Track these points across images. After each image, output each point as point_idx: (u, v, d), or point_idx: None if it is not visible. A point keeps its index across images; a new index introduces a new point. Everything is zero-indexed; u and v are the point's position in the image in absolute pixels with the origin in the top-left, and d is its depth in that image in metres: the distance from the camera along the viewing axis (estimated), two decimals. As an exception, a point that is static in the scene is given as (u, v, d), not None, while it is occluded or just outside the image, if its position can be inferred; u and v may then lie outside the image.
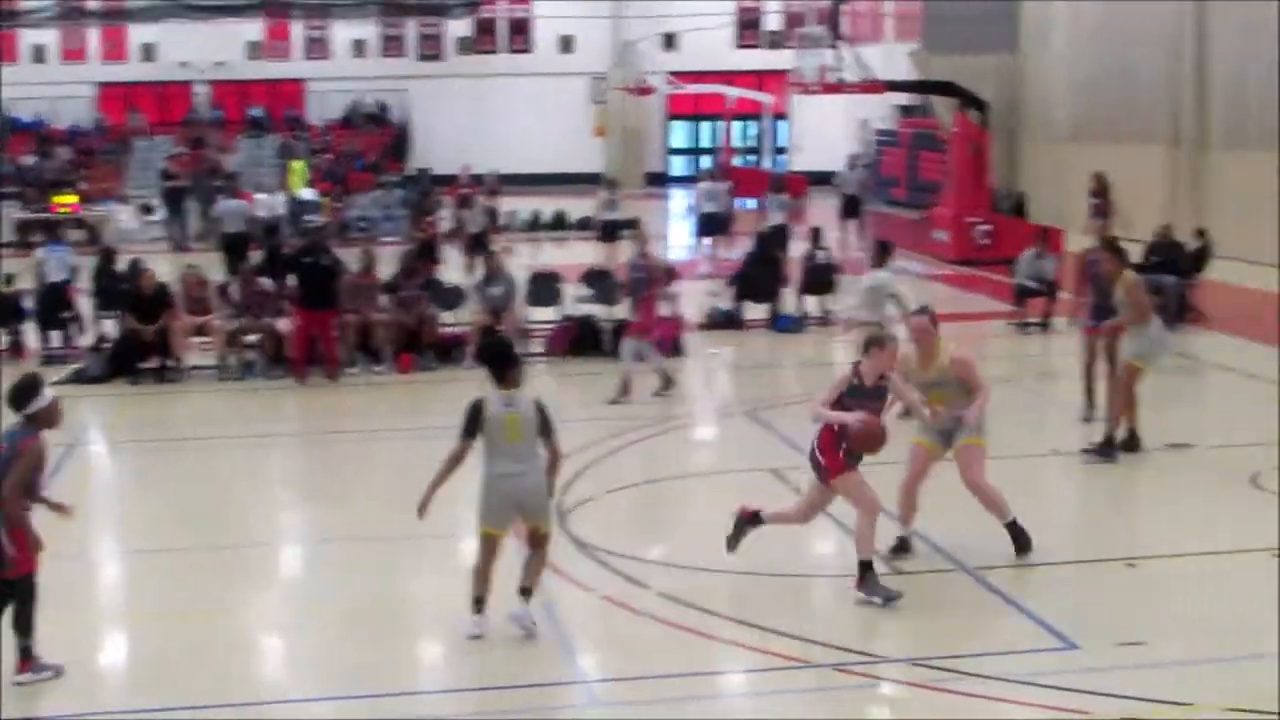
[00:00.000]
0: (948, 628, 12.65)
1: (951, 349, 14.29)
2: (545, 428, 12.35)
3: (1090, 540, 14.95)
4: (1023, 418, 21.03)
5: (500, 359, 12.64)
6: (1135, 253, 26.24)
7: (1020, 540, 14.06)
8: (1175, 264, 27.35)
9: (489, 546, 12.41)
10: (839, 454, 13.19)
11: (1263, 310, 28.83)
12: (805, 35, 45.49)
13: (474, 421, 12.29)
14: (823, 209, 44.17)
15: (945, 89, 43.70)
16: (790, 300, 28.10)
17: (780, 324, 27.40)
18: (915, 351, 14.34)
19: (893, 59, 54.44)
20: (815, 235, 29.63)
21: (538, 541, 12.54)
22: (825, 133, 62.02)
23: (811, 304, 28.23)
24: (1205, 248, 28.57)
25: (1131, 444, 18.07)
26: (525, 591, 12.44)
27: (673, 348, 24.72)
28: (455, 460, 12.30)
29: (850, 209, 41.81)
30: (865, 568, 13.14)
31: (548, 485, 12.50)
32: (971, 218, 37.53)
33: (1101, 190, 36.66)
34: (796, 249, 31.44)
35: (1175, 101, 39.07)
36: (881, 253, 21.77)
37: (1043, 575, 13.81)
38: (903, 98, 55.43)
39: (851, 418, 13.00)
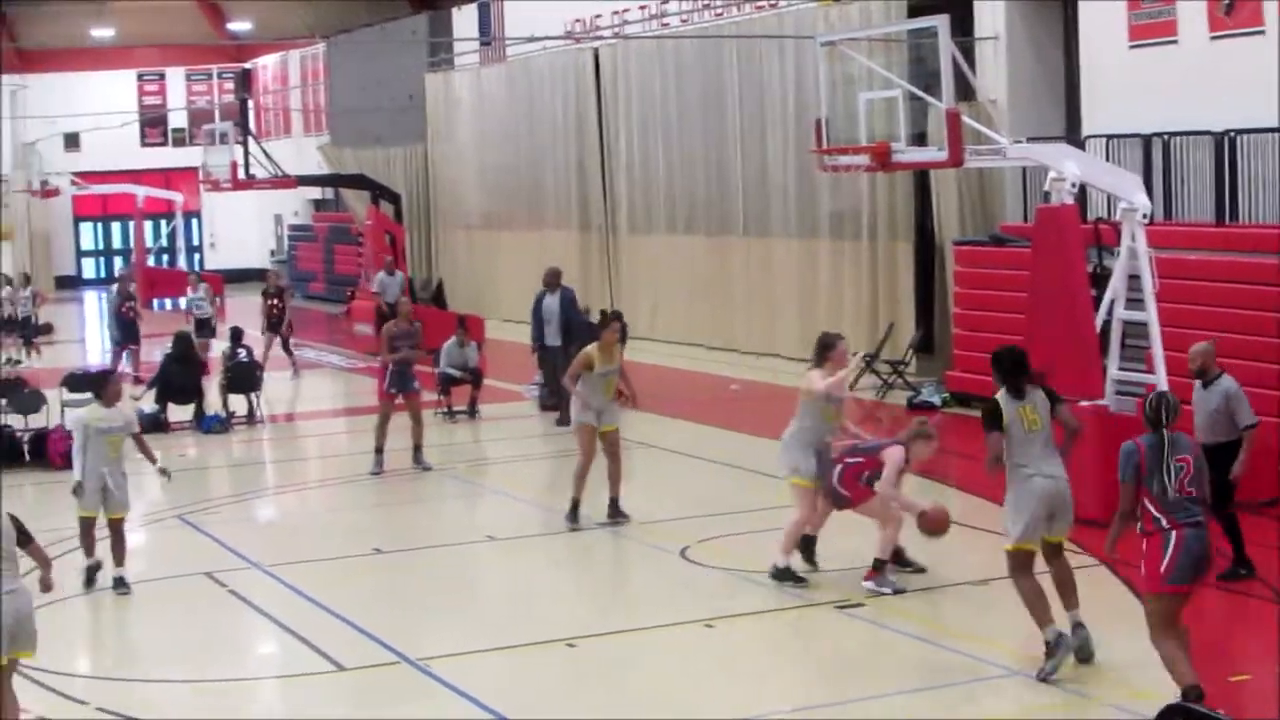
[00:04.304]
0: (395, 718, 12.58)
1: None
2: (23, 536, 11.52)
3: (530, 622, 15.09)
4: (457, 505, 21.34)
5: None
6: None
7: None
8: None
9: None
10: (861, 486, 15.35)
11: (678, 387, 29.92)
12: (211, 131, 44.99)
13: None
14: (244, 306, 43.63)
15: (357, 182, 43.90)
16: (214, 399, 27.68)
17: (205, 424, 26.92)
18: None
19: (304, 153, 54.56)
20: (237, 334, 29.27)
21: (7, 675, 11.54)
22: (240, 230, 61.68)
23: (236, 403, 27.84)
24: (622, 330, 29.35)
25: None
26: None
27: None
28: None
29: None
30: (880, 564, 15.15)
31: None
32: (392, 309, 37.66)
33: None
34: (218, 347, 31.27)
35: (584, 188, 40.14)
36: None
37: (485, 660, 13.86)
38: (315, 192, 55.54)
39: (927, 504, 15.40)
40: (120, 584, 16.64)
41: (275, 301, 34.15)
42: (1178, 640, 11.24)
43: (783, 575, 15.58)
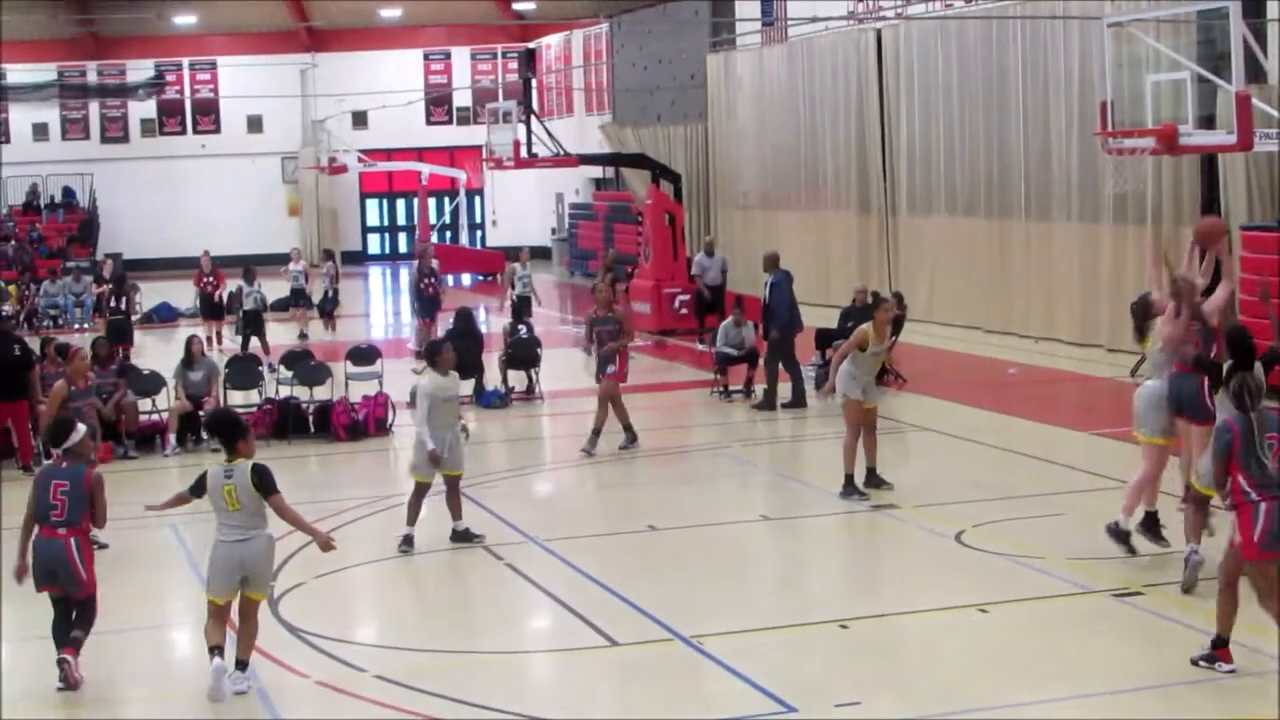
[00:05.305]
0: (667, 696, 12.66)
1: None
2: (264, 491, 12.63)
3: (803, 603, 15.11)
4: (731, 484, 21.38)
5: (224, 429, 13.08)
6: (831, 317, 26.89)
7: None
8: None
9: (216, 610, 12.76)
10: None
11: (955, 370, 29.71)
12: (495, 110, 45.60)
13: (199, 485, 12.97)
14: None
15: (638, 161, 44.14)
16: (494, 375, 28.05)
17: (485, 399, 27.34)
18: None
19: (585, 132, 55.02)
20: (519, 311, 29.65)
21: (247, 610, 12.84)
22: (520, 207, 62.39)
23: (515, 378, 28.22)
24: (901, 311, 29.20)
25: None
26: (241, 664, 12.72)
27: (378, 426, 24.63)
28: (176, 500, 13.44)
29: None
30: None
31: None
32: (670, 288, 37.88)
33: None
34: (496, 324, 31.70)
35: (863, 169, 39.94)
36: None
37: (757, 639, 13.90)
38: (596, 170, 55.96)
39: None
40: (466, 536, 17.48)
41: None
42: None
43: (1119, 537, 15.53)
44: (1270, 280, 15.40)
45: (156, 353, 32.20)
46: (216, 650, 12.56)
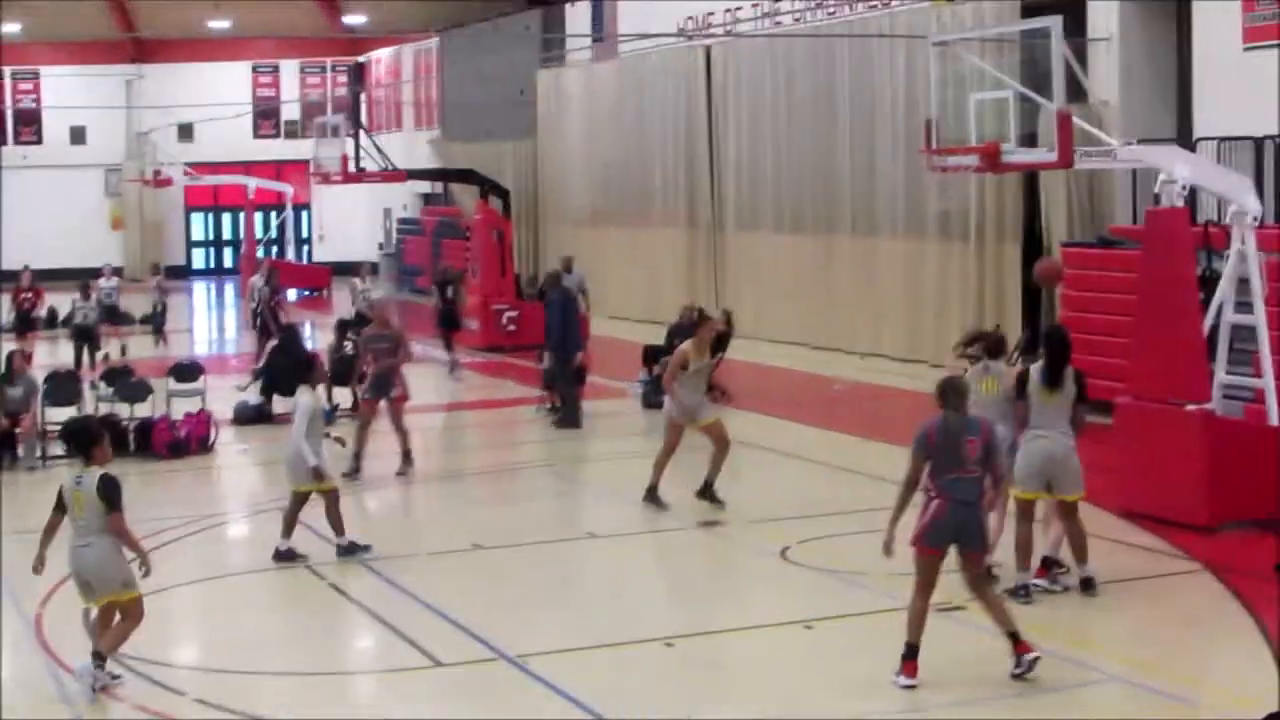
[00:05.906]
0: (491, 715, 12.57)
1: None
2: (107, 503, 12.75)
3: (628, 620, 15.05)
4: (557, 502, 21.32)
5: (76, 437, 13.54)
6: (659, 334, 26.90)
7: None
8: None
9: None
10: None
11: (781, 386, 29.85)
12: (323, 124, 45.20)
13: (60, 500, 13.02)
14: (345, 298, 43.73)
15: (466, 176, 43.97)
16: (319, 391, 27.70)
17: (310, 416, 27.00)
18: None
19: (414, 147, 54.77)
20: (343, 327, 29.38)
21: (105, 617, 13.02)
22: (348, 223, 61.97)
23: (340, 395, 27.93)
24: (728, 328, 29.27)
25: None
26: (97, 656, 12.86)
27: (200, 444, 24.30)
28: (47, 531, 13.12)
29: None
30: (1050, 562, 15.19)
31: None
32: (497, 304, 37.74)
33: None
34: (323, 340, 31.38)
35: (692, 186, 40.08)
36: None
37: (582, 658, 13.83)
38: (425, 186, 55.74)
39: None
40: (351, 549, 17.40)
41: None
42: (923, 604, 12.62)
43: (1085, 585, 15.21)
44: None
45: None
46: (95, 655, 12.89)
